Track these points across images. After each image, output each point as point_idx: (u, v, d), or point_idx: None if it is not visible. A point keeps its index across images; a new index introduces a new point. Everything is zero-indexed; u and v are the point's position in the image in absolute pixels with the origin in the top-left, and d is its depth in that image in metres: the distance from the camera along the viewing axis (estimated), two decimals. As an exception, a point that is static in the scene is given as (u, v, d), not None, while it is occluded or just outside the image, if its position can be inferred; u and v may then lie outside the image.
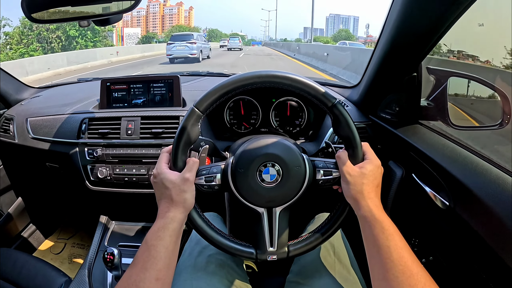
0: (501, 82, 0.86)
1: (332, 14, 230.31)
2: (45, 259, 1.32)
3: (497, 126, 0.84)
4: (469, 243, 0.66)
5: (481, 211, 0.61)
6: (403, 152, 0.90)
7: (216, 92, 0.59)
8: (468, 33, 0.96)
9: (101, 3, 0.84)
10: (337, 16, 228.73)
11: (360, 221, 0.57)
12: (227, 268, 0.73)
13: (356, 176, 0.57)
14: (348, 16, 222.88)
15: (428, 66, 0.93)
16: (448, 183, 0.71)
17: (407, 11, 0.71)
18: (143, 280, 0.50)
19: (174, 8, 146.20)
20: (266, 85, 0.59)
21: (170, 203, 0.57)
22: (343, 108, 0.59)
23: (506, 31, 0.83)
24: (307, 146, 1.03)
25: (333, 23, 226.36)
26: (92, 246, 1.23)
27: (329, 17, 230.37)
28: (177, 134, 0.59)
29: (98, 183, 1.13)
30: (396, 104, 0.96)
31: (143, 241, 0.55)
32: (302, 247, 0.63)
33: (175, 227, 0.56)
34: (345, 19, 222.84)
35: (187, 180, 0.57)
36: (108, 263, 0.96)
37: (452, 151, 0.76)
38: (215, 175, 0.61)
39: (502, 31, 0.89)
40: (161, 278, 0.52)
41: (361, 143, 0.60)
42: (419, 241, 0.88)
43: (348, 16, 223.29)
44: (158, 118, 1.10)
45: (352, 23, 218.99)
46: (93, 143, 1.11)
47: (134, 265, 0.52)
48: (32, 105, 1.32)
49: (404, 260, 0.50)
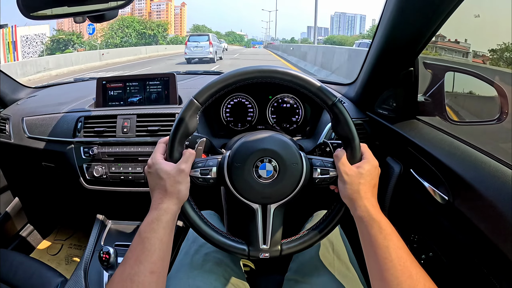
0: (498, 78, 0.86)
1: (337, 12, 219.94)
2: (42, 260, 1.31)
3: (495, 121, 0.84)
4: (469, 237, 0.65)
5: (481, 205, 0.60)
6: (401, 147, 0.90)
7: (216, 85, 0.58)
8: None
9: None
10: (342, 15, 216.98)
11: (356, 221, 0.56)
12: (224, 266, 0.72)
13: (353, 176, 0.57)
14: (354, 15, 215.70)
15: (425, 61, 0.93)
16: (447, 177, 0.70)
17: (402, 4, 0.71)
18: (138, 273, 0.49)
19: (162, 4, 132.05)
20: (267, 80, 0.59)
21: (164, 194, 0.56)
22: (343, 107, 0.59)
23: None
24: (304, 143, 1.03)
25: (339, 22, 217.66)
26: (88, 245, 1.23)
27: (334, 16, 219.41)
28: (174, 125, 0.58)
29: (94, 181, 1.12)
30: (393, 100, 0.96)
31: (136, 234, 0.54)
32: (296, 246, 0.62)
33: (169, 218, 0.55)
34: (351, 17, 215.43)
35: (182, 171, 0.57)
36: (104, 262, 0.95)
37: (450, 145, 0.75)
38: (211, 168, 0.60)
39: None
40: (156, 271, 0.51)
41: (359, 143, 0.59)
42: (419, 237, 0.87)
43: (354, 15, 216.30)
44: (154, 116, 1.10)
45: (358, 22, 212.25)
46: (89, 141, 1.11)
47: (128, 259, 0.52)
48: (28, 105, 1.31)
49: (403, 260, 0.49)
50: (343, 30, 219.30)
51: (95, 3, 0.82)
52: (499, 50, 1.02)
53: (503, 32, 0.90)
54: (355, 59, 7.73)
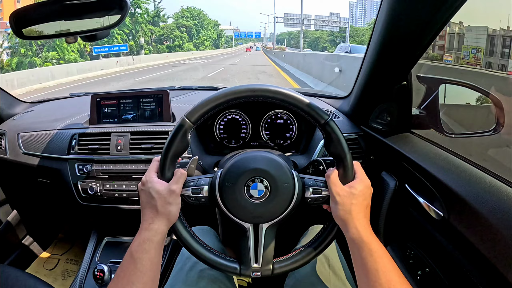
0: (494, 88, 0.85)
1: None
2: (39, 275, 1.30)
3: (491, 132, 0.84)
4: (465, 254, 0.65)
5: (476, 221, 0.60)
6: (395, 162, 0.89)
7: (208, 104, 0.58)
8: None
9: (89, 18, 0.84)
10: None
11: (348, 242, 0.56)
12: (219, 283, 0.72)
13: (345, 197, 0.56)
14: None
15: (418, 74, 0.93)
16: (442, 193, 0.70)
17: (394, 18, 0.71)
18: None
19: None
20: (259, 99, 0.59)
21: (155, 214, 0.57)
22: (336, 125, 0.58)
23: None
24: (297, 159, 1.02)
25: (363, 10, 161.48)
26: (84, 262, 1.22)
27: (358, 2, 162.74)
28: (166, 144, 0.59)
29: (88, 198, 1.12)
30: (388, 114, 0.96)
31: (127, 253, 0.55)
32: (288, 265, 0.62)
33: (159, 239, 0.56)
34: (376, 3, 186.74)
35: (173, 192, 0.57)
36: (98, 280, 0.95)
37: (445, 160, 0.75)
38: (202, 187, 0.60)
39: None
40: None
41: (352, 162, 0.59)
42: (415, 253, 0.86)
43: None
44: (147, 134, 1.10)
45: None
46: (83, 158, 1.11)
47: (120, 278, 0.53)
48: (23, 120, 1.31)
49: (393, 283, 0.50)
50: (370, 16, 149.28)
51: (89, 17, 0.83)
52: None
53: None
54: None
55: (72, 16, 0.84)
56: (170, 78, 12.29)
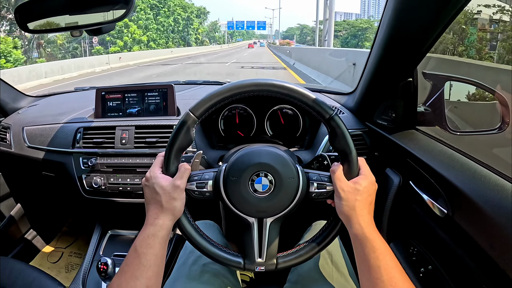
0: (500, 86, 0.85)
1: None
2: (42, 268, 1.31)
3: (496, 130, 0.83)
4: (469, 251, 0.64)
5: (480, 219, 0.59)
6: (400, 159, 0.89)
7: (212, 98, 0.58)
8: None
9: (94, 12, 0.84)
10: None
11: (351, 238, 0.56)
12: (222, 278, 0.72)
13: (349, 192, 0.56)
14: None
15: (424, 71, 0.92)
16: (446, 190, 0.70)
17: (400, 14, 0.71)
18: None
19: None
20: (263, 93, 0.59)
21: (160, 209, 0.57)
22: (341, 120, 0.58)
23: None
24: (302, 155, 1.02)
25: (377, 4, 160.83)
26: (87, 255, 1.23)
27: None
28: (170, 139, 0.59)
29: (93, 192, 1.12)
30: (393, 110, 0.95)
31: (131, 248, 0.55)
32: (291, 259, 0.62)
33: (164, 234, 0.56)
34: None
35: (177, 187, 0.57)
36: (102, 272, 0.96)
37: (449, 157, 0.74)
38: (206, 182, 0.60)
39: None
40: (151, 286, 0.53)
41: (357, 158, 0.59)
42: (418, 250, 0.86)
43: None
44: (152, 127, 1.10)
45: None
46: (88, 152, 1.11)
47: (123, 272, 0.53)
48: (28, 114, 1.32)
49: (394, 280, 0.50)
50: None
51: (94, 12, 0.83)
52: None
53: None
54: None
55: (77, 10, 0.84)
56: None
